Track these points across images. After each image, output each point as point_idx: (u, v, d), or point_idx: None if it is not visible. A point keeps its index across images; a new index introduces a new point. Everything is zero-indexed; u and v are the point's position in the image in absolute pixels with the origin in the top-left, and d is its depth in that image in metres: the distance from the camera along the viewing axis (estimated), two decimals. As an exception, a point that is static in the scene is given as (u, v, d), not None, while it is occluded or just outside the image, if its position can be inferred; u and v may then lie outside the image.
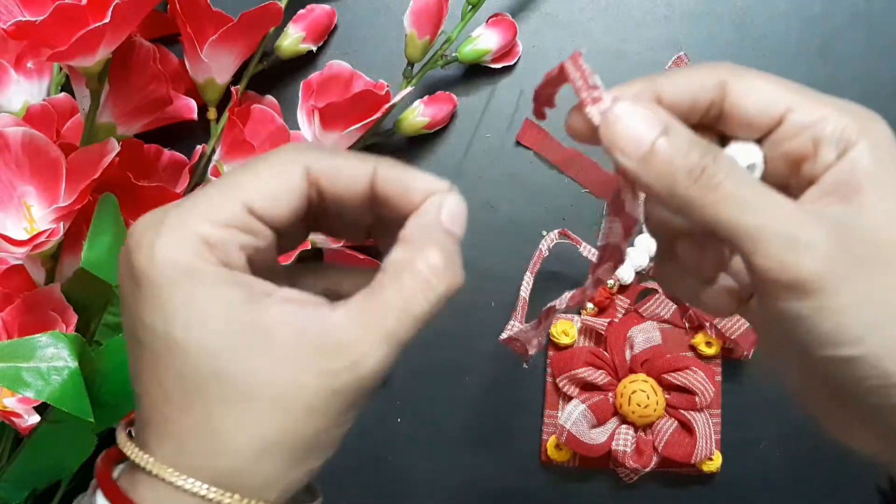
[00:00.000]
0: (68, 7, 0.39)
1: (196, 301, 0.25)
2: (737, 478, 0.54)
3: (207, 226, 0.25)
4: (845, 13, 0.55)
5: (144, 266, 0.25)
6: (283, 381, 0.25)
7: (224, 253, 0.26)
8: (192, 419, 0.25)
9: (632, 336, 0.53)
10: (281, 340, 0.25)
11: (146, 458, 0.26)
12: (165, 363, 0.25)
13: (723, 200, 0.26)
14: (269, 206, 0.26)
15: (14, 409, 0.44)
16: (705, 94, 0.28)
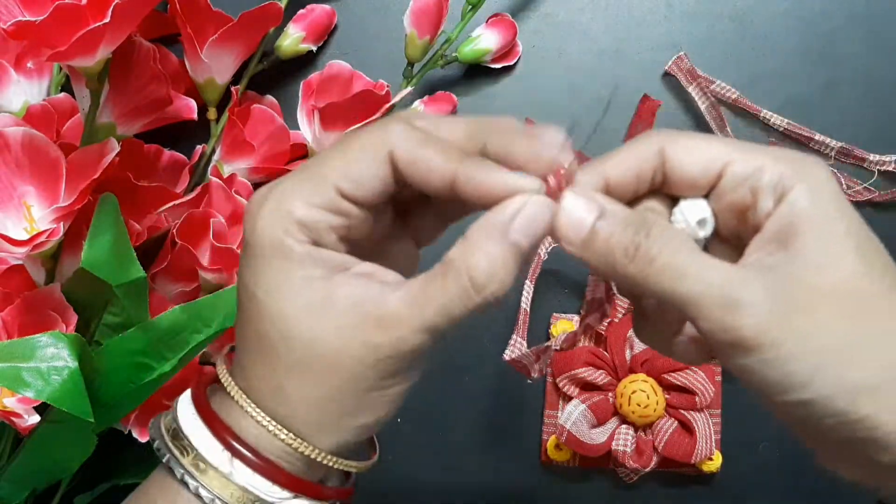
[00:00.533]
0: (68, 7, 0.39)
1: (280, 273, 0.28)
2: (737, 478, 0.54)
3: (300, 207, 0.28)
4: (845, 13, 0.55)
5: (248, 235, 0.29)
6: (335, 346, 0.28)
7: (314, 232, 0.28)
8: (263, 370, 0.29)
9: (632, 336, 0.53)
10: (341, 311, 0.28)
11: (230, 382, 0.30)
12: (251, 320, 0.29)
13: (660, 272, 0.27)
14: (356, 189, 0.29)
15: (14, 409, 0.44)
16: (647, 165, 0.30)
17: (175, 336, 0.44)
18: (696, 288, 0.27)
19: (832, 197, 0.28)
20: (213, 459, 0.29)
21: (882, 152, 0.54)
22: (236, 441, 0.29)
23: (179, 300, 0.49)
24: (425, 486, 0.56)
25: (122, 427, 0.48)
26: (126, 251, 0.44)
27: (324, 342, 0.28)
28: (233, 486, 0.29)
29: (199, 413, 0.30)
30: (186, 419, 0.30)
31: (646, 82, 0.55)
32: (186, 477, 0.29)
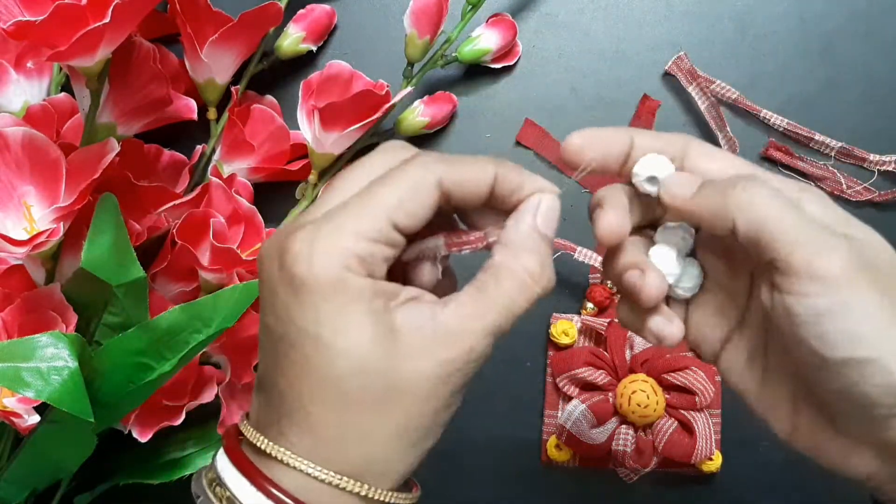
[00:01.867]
0: (68, 7, 0.39)
1: (345, 309, 0.28)
2: (737, 478, 0.54)
3: (358, 242, 0.29)
4: (845, 13, 0.55)
5: (304, 276, 0.28)
6: (409, 372, 0.29)
7: (370, 265, 0.29)
8: (333, 413, 0.29)
9: (632, 336, 0.53)
10: (407, 338, 0.29)
11: (283, 451, 0.29)
12: (313, 361, 0.28)
13: (769, 210, 0.29)
14: (409, 221, 0.30)
15: (14, 409, 0.44)
16: (670, 150, 0.33)
17: (175, 336, 0.44)
18: (796, 222, 0.29)
19: (836, 208, 0.31)
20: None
21: (882, 152, 0.54)
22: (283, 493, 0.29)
23: (179, 300, 0.49)
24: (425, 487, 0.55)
25: (121, 427, 0.48)
26: (126, 251, 0.44)
27: (399, 371, 0.29)
28: None
29: (252, 482, 0.29)
30: (238, 487, 0.29)
31: (646, 82, 0.55)
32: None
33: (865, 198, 0.54)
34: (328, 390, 0.28)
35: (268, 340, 0.30)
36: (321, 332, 0.28)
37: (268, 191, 0.53)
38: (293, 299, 0.29)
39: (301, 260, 0.28)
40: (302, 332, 0.28)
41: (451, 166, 0.30)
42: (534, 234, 0.31)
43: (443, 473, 0.55)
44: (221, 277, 0.48)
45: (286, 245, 0.29)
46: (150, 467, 0.49)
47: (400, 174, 0.30)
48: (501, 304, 0.30)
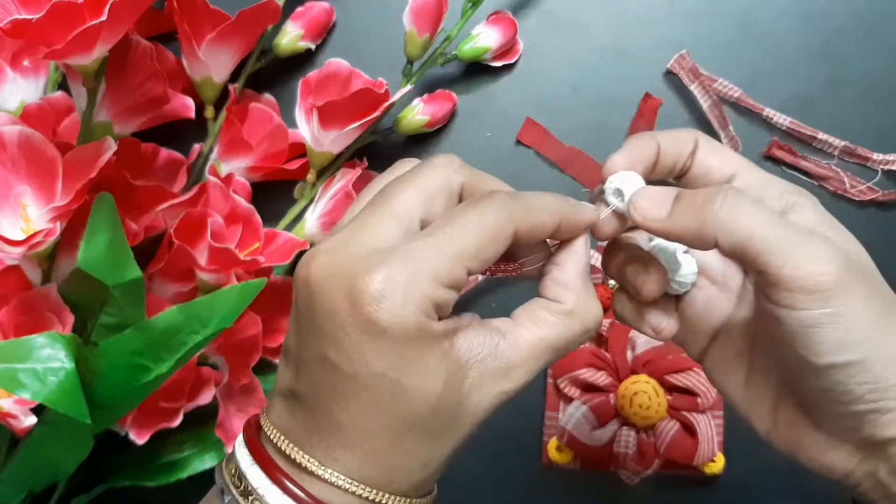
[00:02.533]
0: (65, 5, 0.39)
1: (424, 356, 0.29)
2: (739, 480, 0.54)
3: (437, 289, 0.29)
4: (848, 11, 0.55)
5: (385, 323, 0.28)
6: (472, 406, 0.30)
7: (444, 309, 0.29)
8: (400, 448, 0.29)
9: (633, 337, 0.53)
10: (471, 371, 0.30)
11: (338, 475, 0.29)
12: (387, 404, 0.29)
13: (753, 225, 0.30)
14: (481, 267, 0.30)
15: (10, 411, 0.44)
16: (688, 147, 0.34)
17: (172, 337, 0.44)
18: (785, 236, 0.30)
19: (830, 215, 0.33)
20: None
21: (886, 151, 0.54)
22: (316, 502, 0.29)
23: (177, 301, 0.48)
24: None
25: (118, 429, 0.48)
26: (123, 251, 0.44)
27: (464, 405, 0.30)
28: None
29: (278, 485, 0.30)
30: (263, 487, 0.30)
31: (647, 81, 0.55)
32: None
33: (869, 197, 0.54)
34: (399, 429, 0.29)
35: (319, 368, 0.30)
36: (400, 378, 0.29)
37: (266, 190, 0.53)
38: (369, 343, 0.28)
39: (381, 305, 0.28)
40: (378, 376, 0.29)
41: (528, 215, 0.31)
42: (590, 281, 0.33)
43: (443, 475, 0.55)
44: (219, 278, 0.48)
45: (362, 287, 0.28)
46: (148, 469, 0.49)
47: (480, 217, 0.30)
48: (559, 347, 0.31)
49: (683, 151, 0.34)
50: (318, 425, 0.30)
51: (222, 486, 0.31)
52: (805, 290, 0.29)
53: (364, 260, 0.29)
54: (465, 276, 0.29)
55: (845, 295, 0.29)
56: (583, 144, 0.55)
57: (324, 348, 0.29)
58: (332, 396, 0.29)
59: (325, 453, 0.30)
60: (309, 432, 0.30)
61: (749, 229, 0.30)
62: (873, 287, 0.31)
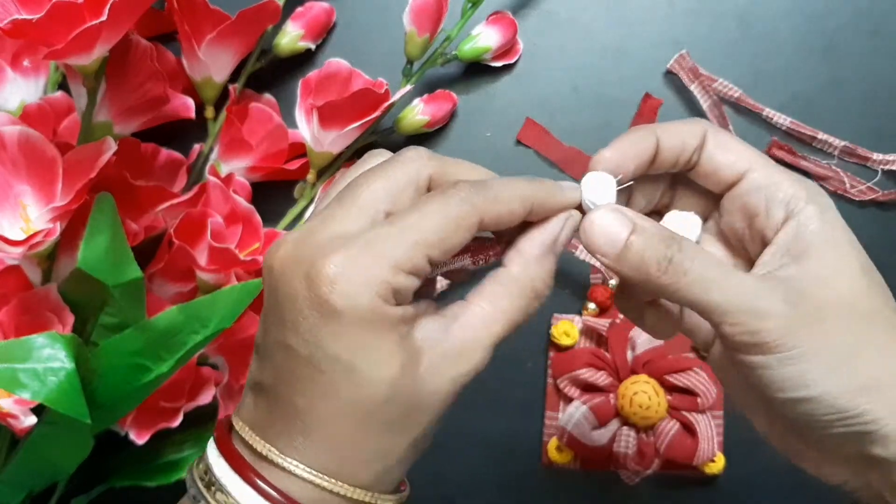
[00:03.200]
0: (65, 5, 0.39)
1: (379, 340, 0.29)
2: (739, 480, 0.54)
3: (395, 275, 0.29)
4: (848, 11, 0.55)
5: (341, 306, 0.28)
6: (428, 393, 0.30)
7: (403, 295, 0.29)
8: (357, 434, 0.29)
9: (633, 337, 0.53)
10: (425, 358, 0.30)
11: (297, 464, 0.29)
12: (342, 388, 0.29)
13: (691, 284, 0.31)
14: (444, 256, 0.30)
15: (10, 411, 0.43)
16: (693, 141, 0.34)
17: (172, 337, 0.44)
18: (724, 297, 0.30)
19: (838, 221, 0.32)
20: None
21: (886, 151, 0.54)
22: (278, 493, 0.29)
23: (177, 300, 0.48)
24: (425, 488, 0.55)
25: (118, 429, 0.47)
26: (123, 251, 0.44)
27: (420, 393, 0.30)
28: None
29: (241, 476, 0.30)
30: (236, 489, 0.30)
31: (647, 80, 0.55)
32: None
33: (869, 197, 0.54)
34: (355, 415, 0.29)
35: (282, 355, 0.30)
36: (355, 362, 0.29)
37: (266, 190, 0.53)
38: (324, 326, 0.28)
39: (337, 288, 0.28)
40: (332, 359, 0.29)
41: (493, 205, 0.30)
42: (547, 250, 0.32)
43: (443, 475, 0.55)
44: (219, 278, 0.48)
45: (319, 268, 0.28)
46: (147, 469, 0.49)
47: (444, 207, 0.30)
48: (512, 318, 0.31)
49: (688, 146, 0.34)
50: (280, 413, 0.30)
51: (190, 483, 0.31)
52: (755, 346, 0.30)
53: (325, 246, 0.29)
54: (426, 265, 0.29)
55: (793, 344, 0.30)
56: (583, 144, 0.55)
57: (284, 334, 0.29)
58: (291, 382, 0.30)
59: (286, 442, 0.30)
60: (272, 421, 0.30)
61: (691, 300, 0.31)
62: (840, 321, 0.31)
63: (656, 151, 0.33)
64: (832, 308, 0.31)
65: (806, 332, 0.30)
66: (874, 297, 0.32)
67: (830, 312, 0.31)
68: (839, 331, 0.31)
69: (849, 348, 0.31)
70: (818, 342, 0.30)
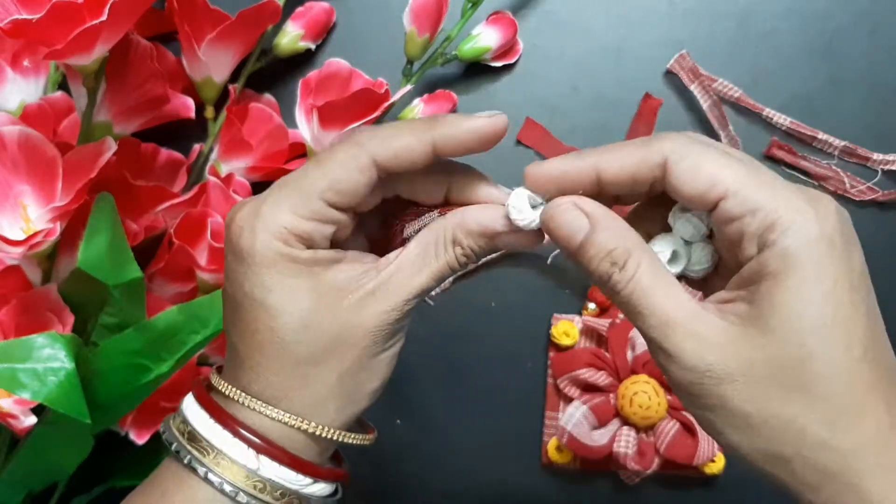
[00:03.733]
0: (65, 5, 0.39)
1: (286, 277, 0.32)
2: (739, 480, 0.54)
3: (294, 219, 0.31)
4: (848, 12, 0.55)
5: (247, 248, 0.32)
6: (350, 326, 0.32)
7: (308, 239, 0.32)
8: (280, 364, 0.32)
9: (633, 337, 0.53)
10: (350, 295, 0.32)
11: (239, 393, 0.33)
12: (260, 321, 0.32)
13: (637, 292, 0.30)
14: (344, 199, 0.32)
15: (10, 411, 0.44)
16: (646, 173, 0.30)
17: (172, 337, 0.44)
18: (655, 323, 0.30)
19: (817, 256, 0.28)
20: (236, 456, 0.32)
21: (886, 151, 0.54)
22: (259, 438, 0.32)
23: (176, 300, 0.48)
24: (426, 488, 0.55)
25: (118, 429, 0.48)
26: (123, 251, 0.44)
27: (341, 325, 0.32)
28: (256, 479, 0.32)
29: (214, 417, 0.33)
30: (201, 422, 0.33)
31: (647, 81, 0.55)
32: (210, 475, 0.32)
33: (869, 197, 0.54)
34: (275, 346, 0.32)
35: (225, 301, 0.34)
36: (265, 296, 0.32)
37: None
38: (239, 268, 0.32)
39: (244, 234, 0.32)
40: (248, 297, 0.32)
41: (383, 142, 0.32)
42: (488, 233, 0.33)
43: (443, 474, 0.55)
44: (219, 278, 0.48)
45: (232, 220, 0.32)
46: (148, 469, 0.48)
47: (332, 154, 0.32)
48: (438, 270, 0.33)
49: (640, 178, 0.30)
50: (230, 355, 0.34)
51: (168, 437, 0.33)
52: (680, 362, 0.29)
53: (241, 202, 0.33)
54: (329, 209, 0.32)
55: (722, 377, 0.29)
56: (583, 144, 0.55)
57: (224, 281, 0.33)
58: (230, 323, 0.33)
59: (234, 378, 0.33)
60: (229, 363, 0.34)
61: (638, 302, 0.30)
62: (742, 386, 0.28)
63: (599, 185, 0.31)
64: (763, 368, 0.28)
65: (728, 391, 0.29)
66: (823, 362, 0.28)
67: (760, 373, 0.28)
68: (766, 396, 0.28)
69: (770, 416, 0.28)
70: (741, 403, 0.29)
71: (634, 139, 0.31)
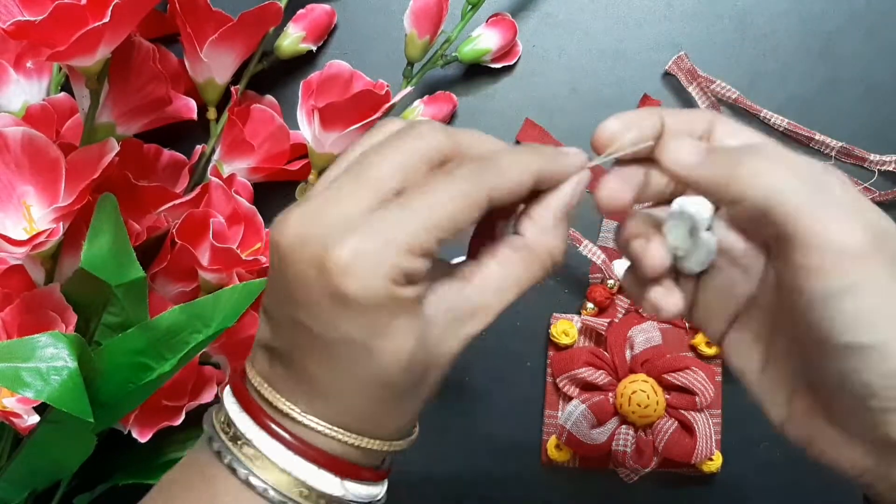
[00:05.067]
0: (68, 7, 0.39)
1: (395, 322, 0.29)
2: (737, 478, 0.54)
3: (406, 258, 0.29)
4: (846, 13, 0.55)
5: (354, 292, 0.28)
6: (441, 355, 0.31)
7: (416, 277, 0.29)
8: (377, 404, 0.30)
9: (632, 336, 0.53)
10: (440, 322, 0.30)
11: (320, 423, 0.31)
12: (359, 366, 0.29)
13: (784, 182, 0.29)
14: (455, 237, 0.30)
15: (14, 410, 0.44)
16: (700, 127, 0.32)
17: (175, 336, 0.44)
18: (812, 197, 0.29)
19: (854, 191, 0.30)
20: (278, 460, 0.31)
21: (882, 152, 0.54)
22: (316, 453, 0.31)
23: (179, 300, 0.49)
24: (425, 487, 0.55)
25: (121, 427, 0.48)
26: (126, 251, 0.44)
27: (434, 355, 0.30)
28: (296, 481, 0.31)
29: (265, 430, 0.31)
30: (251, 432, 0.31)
31: (646, 82, 0.55)
32: (251, 478, 0.31)
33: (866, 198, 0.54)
34: (371, 389, 0.30)
35: (292, 327, 0.30)
36: (370, 342, 0.29)
37: (267, 191, 0.53)
38: (337, 311, 0.29)
39: (350, 276, 0.28)
40: (348, 339, 0.29)
41: (499, 180, 0.30)
42: (565, 220, 0.32)
43: (443, 474, 0.55)
44: (221, 277, 0.48)
45: (330, 254, 0.28)
46: (150, 467, 0.49)
47: (451, 187, 0.29)
48: (522, 284, 0.32)
49: (694, 132, 0.32)
50: (297, 378, 0.31)
51: (211, 433, 0.32)
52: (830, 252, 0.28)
53: (334, 229, 0.28)
54: (436, 246, 0.29)
55: (870, 268, 0.28)
56: (582, 145, 0.55)
57: (296, 312, 0.30)
58: (307, 353, 0.30)
59: (307, 403, 0.31)
60: (289, 383, 0.31)
61: (780, 184, 0.29)
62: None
63: (661, 135, 0.32)
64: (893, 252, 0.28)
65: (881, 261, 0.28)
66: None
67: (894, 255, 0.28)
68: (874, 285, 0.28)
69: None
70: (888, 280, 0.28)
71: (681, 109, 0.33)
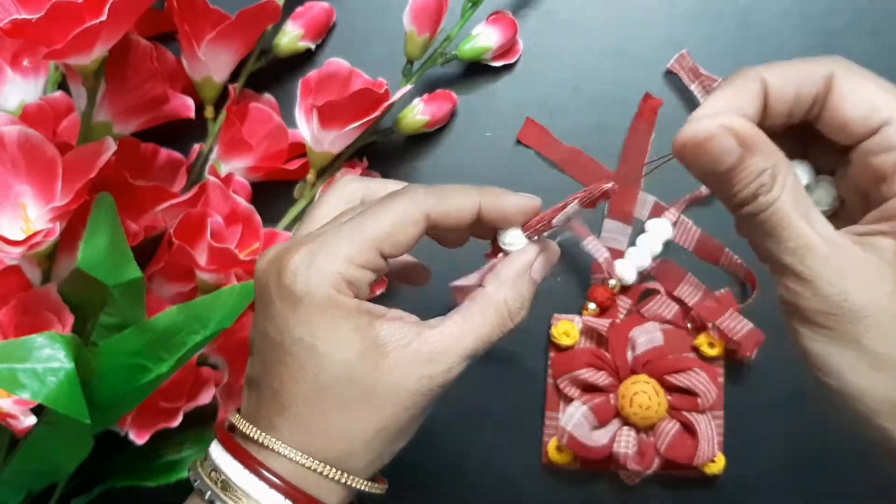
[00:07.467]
0: (65, 5, 0.38)
1: (336, 325, 0.32)
2: (740, 480, 0.54)
3: (348, 267, 0.32)
4: (848, 11, 0.55)
5: (300, 292, 0.32)
6: (392, 384, 0.32)
7: (358, 287, 0.33)
8: (321, 412, 0.32)
9: (633, 337, 0.53)
10: (392, 353, 0.32)
11: (274, 440, 0.33)
12: (307, 368, 0.32)
13: (779, 214, 0.28)
14: (394, 250, 0.33)
15: (10, 411, 0.43)
16: (810, 87, 0.29)
17: (172, 337, 0.44)
18: (793, 246, 0.28)
19: None
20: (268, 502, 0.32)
21: (886, 151, 0.54)
22: (286, 484, 0.32)
23: (176, 301, 0.48)
24: (426, 488, 0.55)
25: (118, 429, 0.47)
26: (123, 251, 0.44)
27: (383, 381, 0.32)
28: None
29: (246, 465, 0.33)
30: (233, 471, 0.33)
31: (648, 80, 0.55)
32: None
33: (869, 197, 0.54)
34: (318, 394, 0.32)
35: (264, 344, 0.34)
36: (316, 343, 0.32)
37: (266, 190, 0.53)
38: (290, 312, 0.32)
39: (298, 278, 0.32)
40: (297, 342, 0.32)
41: (438, 199, 0.33)
42: (525, 277, 0.35)
43: (443, 474, 0.55)
44: (219, 278, 0.48)
45: (284, 262, 0.32)
46: (147, 469, 0.49)
47: (390, 206, 0.33)
48: (483, 333, 0.34)
49: (804, 96, 0.29)
50: (263, 398, 0.34)
51: (202, 486, 0.34)
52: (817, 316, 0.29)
53: (292, 246, 0.33)
54: (380, 258, 0.33)
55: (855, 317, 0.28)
56: (583, 144, 0.55)
57: (264, 324, 0.33)
58: (270, 366, 0.33)
59: (268, 423, 0.33)
60: (258, 407, 0.34)
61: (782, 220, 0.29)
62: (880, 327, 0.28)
63: (765, 101, 0.30)
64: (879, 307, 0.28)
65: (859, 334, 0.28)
66: None
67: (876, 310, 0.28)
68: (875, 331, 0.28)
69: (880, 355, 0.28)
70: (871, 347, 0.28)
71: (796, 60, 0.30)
